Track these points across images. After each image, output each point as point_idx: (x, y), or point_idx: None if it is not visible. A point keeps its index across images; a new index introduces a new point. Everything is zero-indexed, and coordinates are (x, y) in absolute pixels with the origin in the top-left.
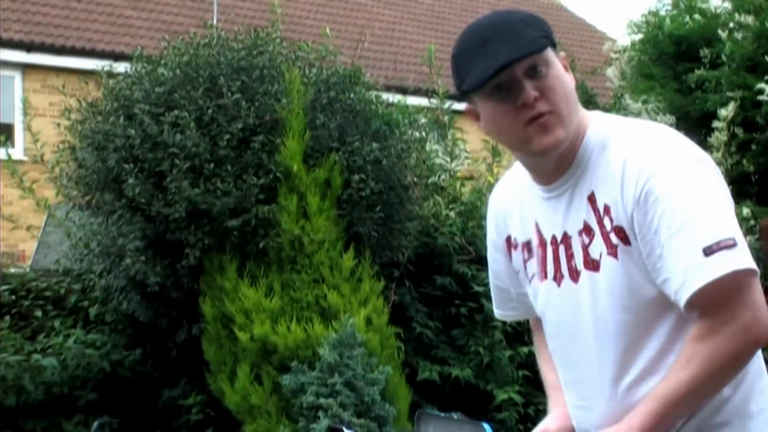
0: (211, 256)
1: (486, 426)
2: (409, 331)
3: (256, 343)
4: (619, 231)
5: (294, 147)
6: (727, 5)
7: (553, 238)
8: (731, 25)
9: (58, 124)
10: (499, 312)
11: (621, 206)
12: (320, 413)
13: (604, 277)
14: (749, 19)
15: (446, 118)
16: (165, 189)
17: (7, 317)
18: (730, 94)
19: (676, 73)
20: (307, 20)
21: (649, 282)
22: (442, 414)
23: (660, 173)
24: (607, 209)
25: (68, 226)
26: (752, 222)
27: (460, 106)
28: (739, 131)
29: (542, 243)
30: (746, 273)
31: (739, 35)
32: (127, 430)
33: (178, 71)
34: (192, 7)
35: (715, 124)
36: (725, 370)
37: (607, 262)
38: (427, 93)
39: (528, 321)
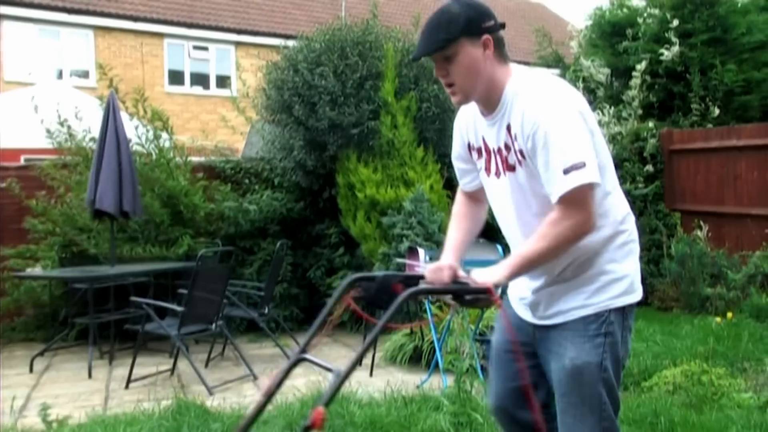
0: (342, 150)
1: (498, 246)
2: (454, 193)
3: (368, 199)
4: (521, 152)
5: (389, 87)
6: (643, 2)
7: (493, 149)
8: (645, 14)
9: (256, 75)
10: (462, 183)
11: (521, 138)
12: (403, 239)
13: (517, 175)
14: (656, 11)
15: None
16: (316, 111)
17: (229, 183)
18: (643, 56)
19: (611, 44)
20: (390, 12)
21: (540, 183)
22: None
23: (542, 121)
24: (515, 137)
25: (262, 133)
26: (654, 131)
27: None
28: (647, 78)
29: (488, 151)
30: (588, 186)
31: (649, 21)
32: (295, 247)
33: (323, 44)
34: (330, 6)
35: (634, 74)
36: (560, 247)
37: (517, 167)
38: None
39: None
